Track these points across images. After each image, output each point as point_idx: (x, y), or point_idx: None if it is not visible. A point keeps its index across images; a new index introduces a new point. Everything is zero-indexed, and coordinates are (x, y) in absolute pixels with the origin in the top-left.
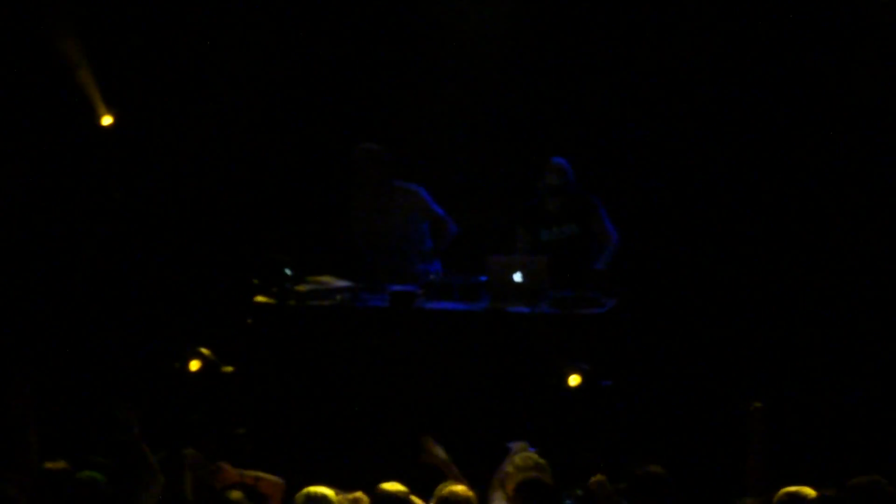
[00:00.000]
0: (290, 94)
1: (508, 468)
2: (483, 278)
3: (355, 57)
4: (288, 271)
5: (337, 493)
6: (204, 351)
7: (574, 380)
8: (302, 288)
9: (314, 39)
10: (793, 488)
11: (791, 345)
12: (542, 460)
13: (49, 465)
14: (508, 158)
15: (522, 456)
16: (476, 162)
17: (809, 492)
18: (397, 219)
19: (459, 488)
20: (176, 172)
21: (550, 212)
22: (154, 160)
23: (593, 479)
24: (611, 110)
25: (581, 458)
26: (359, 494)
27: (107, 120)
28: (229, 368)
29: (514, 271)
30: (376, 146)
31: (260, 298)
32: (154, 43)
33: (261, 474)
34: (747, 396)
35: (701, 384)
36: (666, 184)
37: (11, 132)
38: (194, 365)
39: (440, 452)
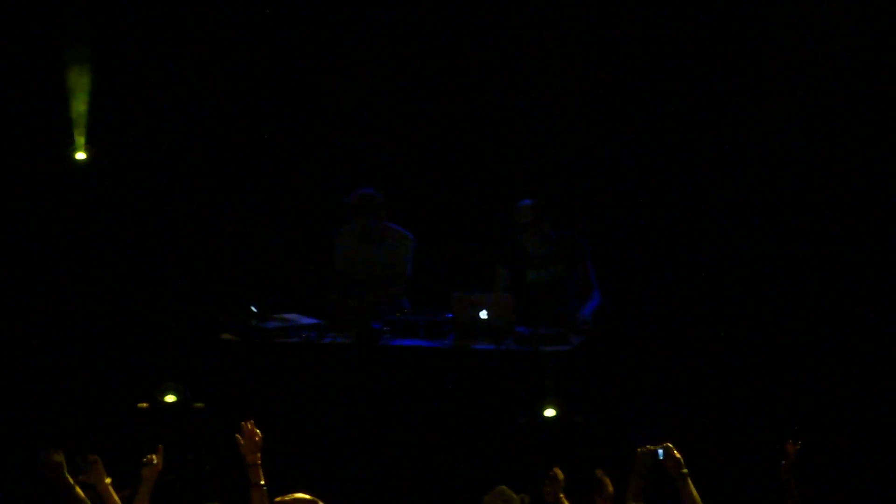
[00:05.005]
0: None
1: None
2: (449, 315)
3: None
4: (254, 308)
5: None
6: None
7: (550, 412)
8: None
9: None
10: None
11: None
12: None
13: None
14: (479, 193)
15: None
16: (445, 197)
17: None
18: (384, 253)
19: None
20: (144, 206)
21: (538, 253)
22: (122, 195)
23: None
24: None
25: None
26: None
27: (81, 155)
28: (200, 405)
29: (480, 309)
30: (371, 191)
31: (226, 336)
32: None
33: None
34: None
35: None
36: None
37: None
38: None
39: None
